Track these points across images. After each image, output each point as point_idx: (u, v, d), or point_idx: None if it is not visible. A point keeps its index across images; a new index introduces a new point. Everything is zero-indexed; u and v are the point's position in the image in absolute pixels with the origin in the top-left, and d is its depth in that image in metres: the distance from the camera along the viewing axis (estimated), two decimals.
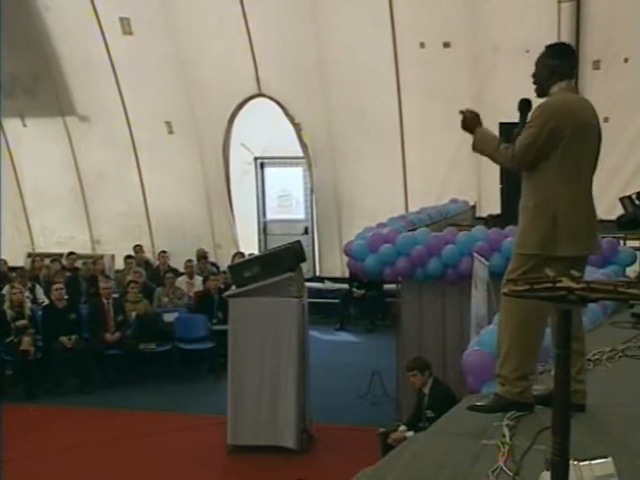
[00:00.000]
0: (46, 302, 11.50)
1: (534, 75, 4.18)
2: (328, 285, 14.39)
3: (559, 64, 4.08)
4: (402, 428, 7.13)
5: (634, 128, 11.62)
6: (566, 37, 11.86)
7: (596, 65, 11.64)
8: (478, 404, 4.12)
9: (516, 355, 4.02)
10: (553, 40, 11.78)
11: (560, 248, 3.95)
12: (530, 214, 4.03)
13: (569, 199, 3.97)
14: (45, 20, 14.37)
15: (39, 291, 12.25)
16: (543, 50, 4.20)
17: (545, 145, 3.94)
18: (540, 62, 4.16)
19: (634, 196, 9.14)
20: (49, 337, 10.64)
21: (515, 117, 4.21)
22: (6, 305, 10.86)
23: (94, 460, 8.18)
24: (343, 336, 13.34)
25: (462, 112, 4.22)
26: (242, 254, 13.26)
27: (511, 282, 2.83)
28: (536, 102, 4.12)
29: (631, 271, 7.99)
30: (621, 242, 8.39)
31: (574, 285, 2.69)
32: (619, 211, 9.31)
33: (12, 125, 15.36)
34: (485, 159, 4.25)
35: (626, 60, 11.87)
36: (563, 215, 3.95)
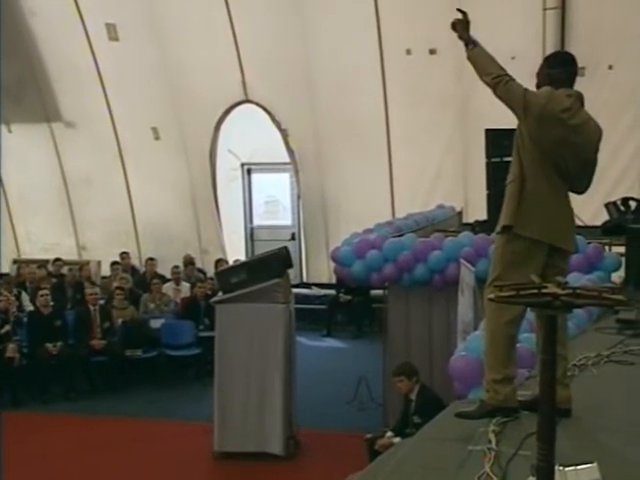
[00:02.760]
0: (32, 308, 11.45)
1: (536, 86, 4.22)
2: (315, 291, 14.39)
3: (557, 72, 4.14)
4: (389, 434, 7.13)
5: (618, 134, 11.67)
6: (551, 44, 11.94)
7: (581, 72, 11.62)
8: (464, 410, 4.14)
9: (493, 359, 4.07)
10: (539, 47, 11.96)
11: (525, 226, 4.03)
12: (507, 190, 4.16)
13: (537, 183, 4.06)
14: (31, 26, 14.33)
15: (25, 298, 12.18)
16: (542, 61, 4.27)
17: (529, 113, 4.01)
18: (540, 72, 4.23)
19: (619, 202, 9.20)
20: (34, 344, 10.58)
21: (500, 124, 4.25)
22: None
23: (79, 467, 8.14)
24: (330, 342, 13.34)
25: (454, 22, 4.18)
26: (225, 261, 13.26)
27: (497, 288, 2.85)
28: None
29: (616, 277, 8.02)
30: (606, 248, 8.42)
31: (560, 291, 2.71)
32: (604, 217, 9.37)
33: None
34: (472, 168, 4.32)
35: (610, 67, 11.95)
36: (529, 194, 4.05)
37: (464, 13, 4.19)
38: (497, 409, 4.01)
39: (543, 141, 4.04)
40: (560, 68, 4.16)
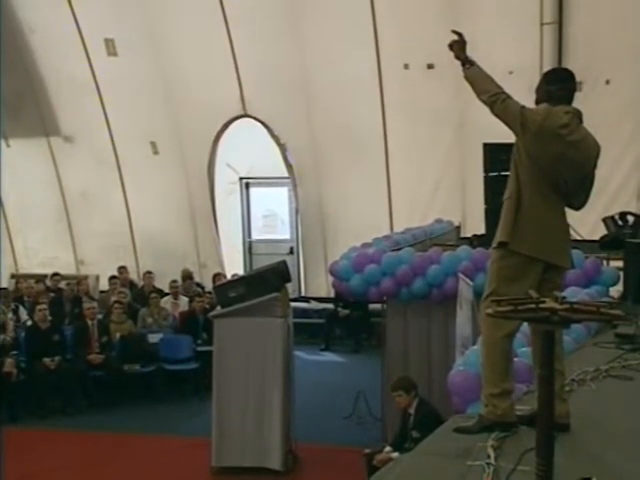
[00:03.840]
0: (30, 323, 11.42)
1: (535, 102, 4.24)
2: (313, 305, 14.37)
3: (555, 89, 4.16)
4: (387, 449, 7.11)
5: (616, 150, 11.69)
6: (548, 59, 11.98)
7: (578, 87, 11.66)
8: (463, 425, 4.13)
9: (490, 374, 4.07)
10: (536, 62, 12.00)
11: (521, 243, 4.04)
12: (504, 206, 4.17)
13: (533, 199, 4.07)
14: (30, 41, 14.37)
15: (22, 312, 12.16)
16: (541, 77, 4.29)
17: (526, 131, 4.03)
18: (539, 88, 4.25)
19: (617, 217, 9.22)
20: (32, 359, 10.55)
21: (498, 138, 4.26)
22: None
23: None
24: (328, 356, 13.32)
25: (451, 44, 4.23)
26: (223, 275, 13.25)
27: (494, 303, 2.85)
28: None
29: (614, 291, 8.02)
30: (604, 262, 8.42)
31: (557, 306, 2.71)
32: (602, 231, 9.37)
33: None
34: (470, 182, 4.33)
35: (608, 82, 11.99)
36: (525, 211, 4.06)
37: (460, 34, 4.22)
38: (495, 424, 4.00)
39: (541, 158, 4.05)
40: (558, 85, 4.18)
